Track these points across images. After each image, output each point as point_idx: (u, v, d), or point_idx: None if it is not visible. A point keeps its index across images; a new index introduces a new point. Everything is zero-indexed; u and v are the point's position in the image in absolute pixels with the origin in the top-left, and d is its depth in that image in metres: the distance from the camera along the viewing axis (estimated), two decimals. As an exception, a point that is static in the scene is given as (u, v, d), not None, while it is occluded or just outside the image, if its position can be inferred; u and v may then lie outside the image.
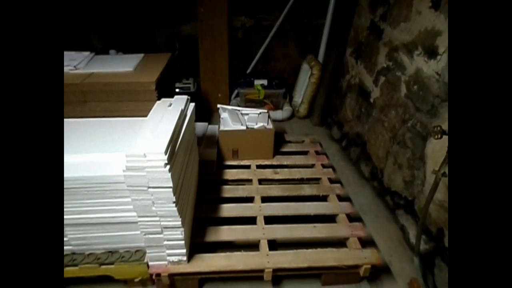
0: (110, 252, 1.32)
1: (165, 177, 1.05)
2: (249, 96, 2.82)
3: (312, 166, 1.99)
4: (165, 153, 1.03)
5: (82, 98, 1.42)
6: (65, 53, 1.68)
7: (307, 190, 1.75)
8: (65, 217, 1.20)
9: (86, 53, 1.69)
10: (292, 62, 3.05)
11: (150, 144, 1.05)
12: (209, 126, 2.14)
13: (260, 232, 1.47)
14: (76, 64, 1.53)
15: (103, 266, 1.29)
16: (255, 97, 2.80)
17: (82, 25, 2.70)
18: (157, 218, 1.15)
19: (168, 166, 1.04)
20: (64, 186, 1.12)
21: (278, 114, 2.80)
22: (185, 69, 2.95)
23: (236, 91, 2.96)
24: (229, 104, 2.92)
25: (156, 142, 1.07)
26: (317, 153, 2.12)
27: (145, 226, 1.17)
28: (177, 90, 2.74)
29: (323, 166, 1.99)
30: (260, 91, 2.77)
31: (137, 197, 1.09)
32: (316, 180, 1.88)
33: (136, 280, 1.33)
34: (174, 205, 1.11)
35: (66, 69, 1.51)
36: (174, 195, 1.09)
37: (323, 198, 1.74)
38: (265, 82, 2.84)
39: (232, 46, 2.82)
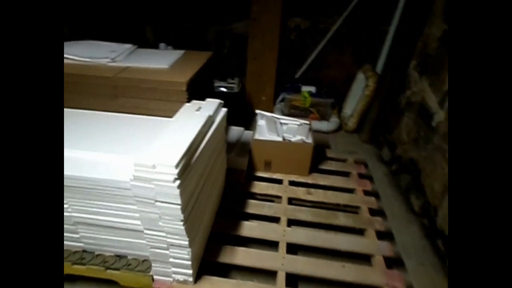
0: (118, 256, 1.26)
1: (173, 193, 0.93)
2: (295, 103, 2.64)
3: (352, 191, 1.76)
4: (176, 166, 0.91)
5: (114, 93, 1.38)
6: (107, 44, 1.67)
7: (341, 219, 1.54)
8: (77, 215, 1.15)
9: (128, 46, 1.66)
10: (346, 71, 2.79)
11: (162, 154, 0.94)
12: (245, 131, 2.01)
13: (279, 261, 1.30)
14: (115, 56, 1.50)
15: (108, 271, 1.23)
16: (301, 104, 2.62)
17: (137, 17, 2.75)
18: (164, 234, 1.05)
19: (177, 182, 0.92)
20: (77, 185, 1.07)
21: (323, 125, 2.58)
22: (232, 68, 2.86)
23: (281, 96, 2.80)
24: (273, 109, 2.78)
25: (170, 152, 0.95)
26: (360, 176, 1.88)
27: (151, 240, 1.07)
28: (221, 89, 2.67)
29: (365, 192, 1.75)
30: (307, 98, 2.57)
31: (143, 208, 1.00)
32: (355, 209, 1.65)
33: (141, 290, 1.25)
34: (181, 223, 1.00)
35: (103, 61, 1.48)
36: (182, 213, 0.97)
37: (360, 232, 1.51)
38: (313, 89, 2.64)
39: (283, 47, 2.66)
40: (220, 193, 1.58)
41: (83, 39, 1.88)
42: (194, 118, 1.20)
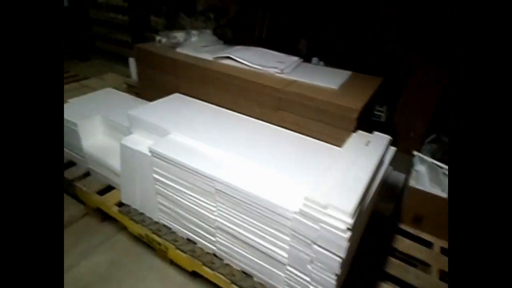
0: (245, 274, 1.21)
1: (340, 243, 0.79)
2: (453, 148, 2.19)
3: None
4: (352, 215, 0.77)
5: (277, 105, 1.34)
6: (275, 53, 1.67)
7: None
8: (220, 220, 1.15)
9: (295, 58, 1.62)
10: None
11: (336, 196, 0.81)
12: (393, 171, 1.74)
13: None
14: (283, 68, 1.47)
15: (233, 285, 1.19)
16: (461, 152, 2.16)
17: (295, 29, 2.78)
18: (308, 279, 0.92)
19: (349, 233, 0.78)
20: (230, 194, 1.04)
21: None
22: (384, 94, 2.60)
23: (434, 136, 2.39)
24: (419, 148, 2.39)
25: (344, 195, 0.82)
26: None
27: (291, 278, 0.96)
28: (365, 114, 2.45)
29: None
30: (472, 147, 2.10)
31: (296, 245, 0.89)
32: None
33: (258, 318, 1.17)
34: (334, 277, 0.85)
35: (272, 70, 1.47)
36: (340, 268, 0.82)
37: None
38: (483, 137, 2.14)
39: (456, 79, 2.24)
40: (359, 239, 1.38)
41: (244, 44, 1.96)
42: (365, 155, 1.04)
